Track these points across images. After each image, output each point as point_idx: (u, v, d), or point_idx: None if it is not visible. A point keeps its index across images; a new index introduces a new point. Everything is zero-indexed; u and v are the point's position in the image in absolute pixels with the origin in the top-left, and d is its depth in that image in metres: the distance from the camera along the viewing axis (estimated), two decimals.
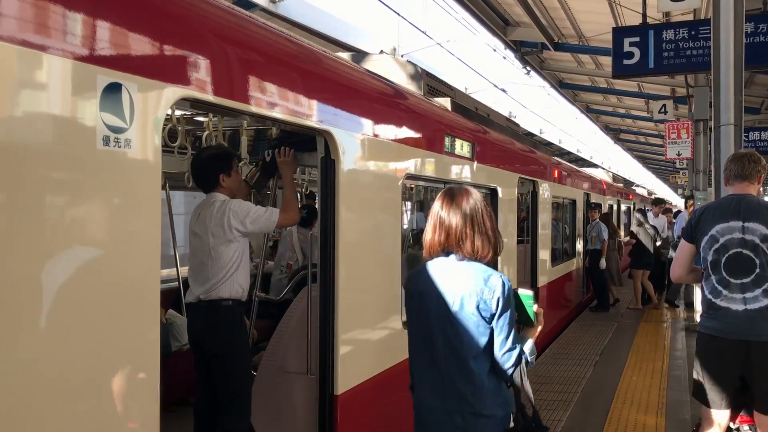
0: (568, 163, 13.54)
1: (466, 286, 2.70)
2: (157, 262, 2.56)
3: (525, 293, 2.84)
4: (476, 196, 2.83)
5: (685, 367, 8.06)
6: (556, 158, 11.93)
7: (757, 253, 3.76)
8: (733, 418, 4.02)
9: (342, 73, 4.30)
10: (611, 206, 16.66)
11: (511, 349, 2.69)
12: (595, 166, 25.43)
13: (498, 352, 2.69)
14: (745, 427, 4.01)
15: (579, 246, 12.87)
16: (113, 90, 2.32)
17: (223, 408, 4.02)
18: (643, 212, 13.43)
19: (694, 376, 4.03)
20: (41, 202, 2.11)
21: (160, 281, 2.64)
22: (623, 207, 20.71)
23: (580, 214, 12.81)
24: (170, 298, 6.04)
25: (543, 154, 10.19)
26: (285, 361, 4.27)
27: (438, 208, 2.83)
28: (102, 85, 2.28)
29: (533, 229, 9.15)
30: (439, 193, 2.91)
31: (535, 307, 2.83)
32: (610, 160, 42.46)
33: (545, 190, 9.45)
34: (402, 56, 10.88)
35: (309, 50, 4.00)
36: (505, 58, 14.55)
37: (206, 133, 4.47)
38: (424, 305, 2.81)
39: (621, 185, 22.45)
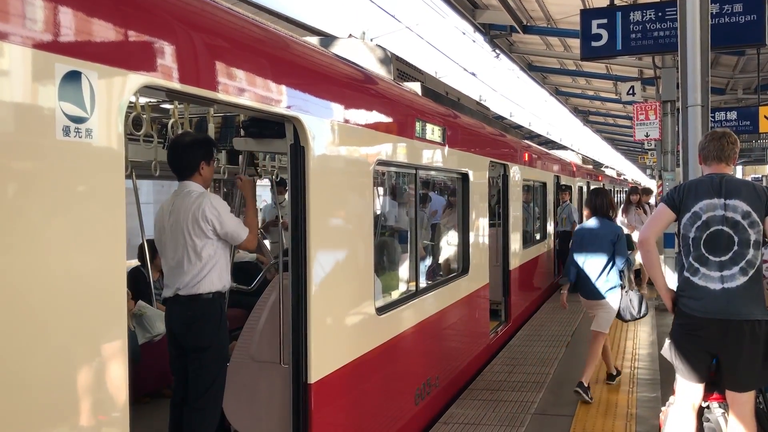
0: (538, 146, 13.59)
1: (604, 229, 6.35)
2: (123, 254, 2.49)
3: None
4: (604, 191, 6.59)
5: (654, 346, 8.19)
6: (526, 141, 11.96)
7: (737, 231, 3.81)
8: (704, 397, 4.07)
9: (310, 58, 4.23)
10: (581, 188, 16.80)
11: (622, 255, 6.22)
12: (564, 148, 25.57)
13: (617, 256, 6.18)
14: (715, 404, 4.07)
15: (550, 228, 12.97)
16: (72, 78, 2.25)
17: (193, 402, 3.94)
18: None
19: (668, 356, 4.07)
20: None
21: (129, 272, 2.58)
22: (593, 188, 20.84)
23: (550, 197, 12.89)
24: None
25: (513, 138, 10.21)
26: (257, 351, 4.23)
27: (588, 196, 6.57)
28: (60, 73, 2.20)
29: (504, 212, 9.19)
30: (590, 189, 7.71)
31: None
32: (580, 142, 42.83)
33: (516, 173, 9.48)
34: (371, 40, 10.79)
35: (276, 35, 3.93)
36: (474, 41, 14.52)
37: (172, 120, 4.38)
38: (586, 238, 6.39)
39: (590, 167, 22.66)
